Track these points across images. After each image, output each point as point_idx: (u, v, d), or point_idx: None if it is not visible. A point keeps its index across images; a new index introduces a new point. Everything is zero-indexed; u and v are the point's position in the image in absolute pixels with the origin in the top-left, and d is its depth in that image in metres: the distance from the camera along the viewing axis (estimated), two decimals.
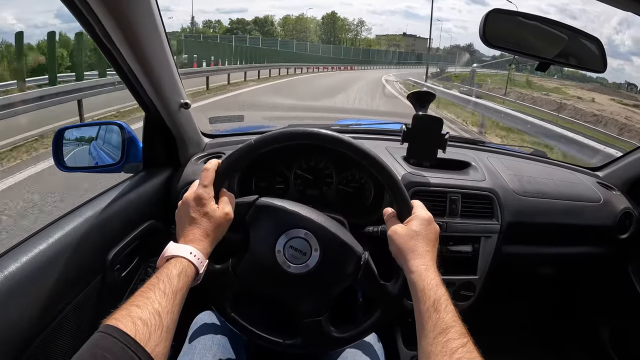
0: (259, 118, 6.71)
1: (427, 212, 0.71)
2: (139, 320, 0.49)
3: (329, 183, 1.05)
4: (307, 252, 0.70)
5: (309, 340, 0.71)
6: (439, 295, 0.59)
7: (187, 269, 0.60)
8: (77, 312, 0.74)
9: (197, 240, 0.64)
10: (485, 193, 1.08)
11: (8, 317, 0.58)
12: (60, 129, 1.03)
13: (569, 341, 1.52)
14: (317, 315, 0.71)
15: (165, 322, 0.52)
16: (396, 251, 0.68)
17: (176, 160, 1.06)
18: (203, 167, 0.70)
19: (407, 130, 1.01)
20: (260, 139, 0.71)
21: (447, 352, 0.52)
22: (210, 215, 0.66)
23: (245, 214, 0.71)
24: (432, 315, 0.57)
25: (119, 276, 0.86)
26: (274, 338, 0.72)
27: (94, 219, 0.79)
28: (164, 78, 0.86)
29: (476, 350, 0.52)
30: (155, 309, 0.52)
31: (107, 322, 0.49)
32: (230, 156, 0.71)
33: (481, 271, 1.08)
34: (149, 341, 0.48)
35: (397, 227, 0.69)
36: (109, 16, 0.64)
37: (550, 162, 1.38)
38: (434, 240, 0.69)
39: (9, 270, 0.61)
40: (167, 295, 0.54)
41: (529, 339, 1.55)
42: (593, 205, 1.21)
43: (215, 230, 0.67)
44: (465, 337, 0.54)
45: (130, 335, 0.47)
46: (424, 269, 0.63)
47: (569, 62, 0.95)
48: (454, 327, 0.55)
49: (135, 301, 0.52)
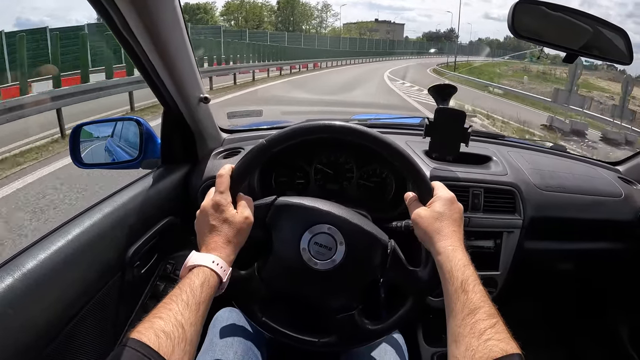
0: (278, 112, 6.61)
1: (449, 192, 0.69)
2: (162, 333, 0.49)
3: (349, 178, 1.04)
4: (333, 247, 0.68)
5: (344, 336, 0.70)
6: (466, 276, 0.57)
7: (210, 279, 0.59)
8: (98, 310, 0.73)
9: (219, 248, 0.63)
10: (508, 187, 1.06)
11: (27, 316, 0.57)
12: (77, 125, 1.02)
13: (588, 339, 1.51)
14: (349, 310, 0.69)
15: (188, 334, 0.51)
16: (422, 235, 0.67)
17: (194, 156, 1.05)
18: (217, 173, 0.69)
19: (430, 123, 1.00)
20: (271, 139, 0.70)
21: (475, 333, 0.50)
22: (230, 221, 0.65)
23: (266, 215, 0.70)
24: (461, 296, 0.55)
25: (139, 273, 0.85)
26: (308, 338, 0.71)
27: (113, 216, 0.79)
28: (184, 73, 0.86)
29: (506, 330, 0.51)
30: (179, 321, 0.51)
31: (131, 335, 0.48)
32: (244, 159, 0.69)
33: (503, 267, 1.07)
34: (172, 354, 0.48)
35: (421, 210, 0.68)
36: (132, 11, 0.64)
37: (570, 157, 1.36)
38: (459, 219, 0.67)
39: (27, 268, 0.59)
40: (190, 307, 0.54)
41: (547, 336, 1.53)
42: (614, 200, 1.19)
43: (237, 235, 0.65)
44: (495, 318, 0.52)
45: (154, 348, 0.47)
46: (451, 250, 0.62)
47: (593, 53, 0.94)
48: (482, 308, 0.53)
49: (158, 313, 0.52)
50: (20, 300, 0.56)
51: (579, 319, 1.54)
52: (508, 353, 0.47)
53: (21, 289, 0.57)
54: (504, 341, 0.49)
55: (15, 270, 0.58)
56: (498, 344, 0.48)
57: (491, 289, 1.08)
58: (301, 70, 19.92)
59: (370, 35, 59.96)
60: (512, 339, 0.50)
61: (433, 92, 1.03)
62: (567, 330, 1.54)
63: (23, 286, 0.58)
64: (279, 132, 0.70)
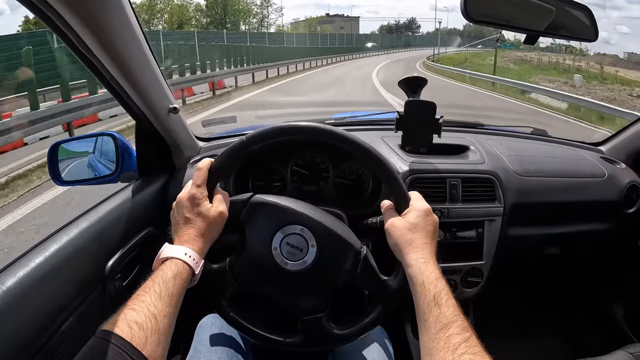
0: (253, 117, 6.57)
1: (425, 204, 0.69)
2: (134, 324, 0.49)
3: (326, 177, 1.04)
4: (304, 249, 0.69)
5: (308, 338, 0.70)
6: (439, 289, 0.57)
7: (182, 271, 0.59)
8: (79, 324, 0.73)
9: (192, 241, 0.64)
10: (486, 176, 1.06)
11: (7, 334, 0.58)
12: (54, 143, 1.03)
13: (583, 321, 1.49)
14: (316, 313, 0.69)
15: (161, 325, 0.52)
16: (394, 245, 0.67)
17: (171, 166, 1.05)
18: (196, 166, 0.70)
19: (400, 117, 0.99)
20: (251, 136, 0.70)
21: (449, 348, 0.50)
22: (204, 214, 0.66)
23: (240, 212, 0.71)
24: (433, 310, 0.55)
25: (121, 285, 0.86)
26: (274, 337, 0.71)
27: (90, 230, 0.79)
28: (148, 84, 0.86)
29: (479, 344, 0.51)
30: (151, 312, 0.52)
31: (104, 327, 0.49)
32: (223, 154, 0.70)
33: (487, 256, 1.06)
34: (145, 345, 0.48)
35: (395, 219, 0.68)
36: (80, 22, 0.63)
37: (551, 140, 1.35)
38: (433, 232, 0.67)
39: (6, 286, 0.60)
40: (162, 298, 0.54)
41: (541, 321, 1.52)
42: (597, 181, 1.18)
43: (210, 229, 0.66)
44: (468, 332, 0.52)
45: (126, 339, 0.47)
46: (422, 262, 0.61)
47: (559, 33, 0.94)
48: (455, 322, 0.53)
49: (130, 305, 0.52)
50: (0, 317, 0.58)
51: (570, 302, 1.53)
52: None
53: (1, 306, 0.58)
54: (479, 354, 0.49)
55: None
56: (473, 357, 0.48)
57: (477, 279, 1.07)
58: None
59: (321, 30, 52.30)
60: (486, 352, 0.50)
61: (403, 85, 1.03)
62: (560, 314, 1.52)
63: (3, 303, 0.58)
64: (259, 130, 0.71)
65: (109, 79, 0.78)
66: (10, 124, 5.10)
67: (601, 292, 1.46)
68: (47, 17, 0.60)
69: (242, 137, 0.70)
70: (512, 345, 1.13)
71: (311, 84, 14.39)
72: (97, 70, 0.75)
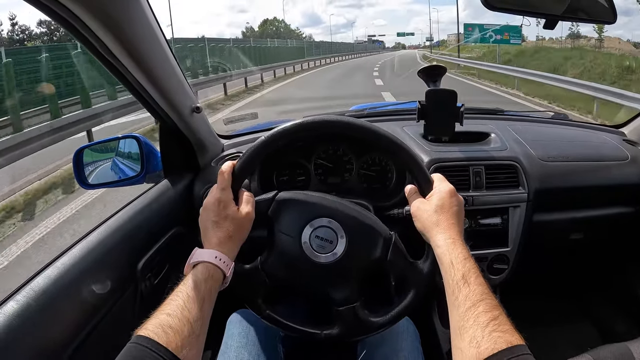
0: (273, 114, 6.56)
1: (448, 184, 0.70)
2: (169, 329, 0.50)
3: (350, 169, 1.05)
4: (334, 240, 0.69)
5: (346, 328, 0.70)
6: (467, 268, 0.58)
7: (213, 274, 0.60)
8: (113, 324, 0.75)
9: (222, 244, 0.64)
10: (509, 162, 1.06)
11: (42, 336, 0.59)
12: (79, 148, 1.05)
13: (609, 306, 1.48)
14: (352, 302, 0.70)
15: (195, 328, 0.53)
16: (421, 227, 0.67)
17: (196, 165, 1.07)
18: (219, 170, 0.70)
19: (422, 107, 0.99)
20: (271, 135, 0.71)
21: (479, 325, 0.50)
22: (231, 217, 0.67)
23: (267, 210, 0.71)
24: (462, 289, 0.56)
25: (152, 284, 0.87)
26: (312, 330, 0.72)
27: (120, 231, 0.81)
28: (170, 85, 0.87)
29: (509, 322, 0.51)
30: (185, 317, 0.53)
31: (139, 332, 0.50)
32: (244, 156, 0.71)
33: (513, 242, 1.06)
34: (181, 349, 0.49)
35: (420, 203, 0.69)
36: (104, 29, 0.64)
37: (572, 124, 1.34)
38: (459, 212, 0.67)
39: (41, 289, 0.62)
40: (195, 302, 0.55)
41: (567, 307, 1.51)
42: (620, 164, 1.17)
43: (239, 231, 0.67)
44: (497, 310, 0.52)
45: (163, 344, 0.48)
46: (450, 242, 0.62)
47: (578, 16, 0.92)
48: (484, 300, 0.53)
49: (164, 309, 0.53)
50: (35, 319, 0.59)
51: (596, 287, 1.51)
52: (513, 344, 0.47)
53: (35, 309, 0.59)
54: (508, 332, 0.49)
55: (30, 291, 0.61)
56: (503, 335, 0.48)
57: (503, 266, 1.07)
58: None
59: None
60: (516, 330, 0.50)
61: (422, 75, 1.03)
62: (585, 300, 1.51)
63: (37, 306, 0.60)
64: (278, 128, 0.71)
65: (134, 83, 0.79)
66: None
67: (627, 276, 1.44)
68: (71, 26, 0.61)
69: (262, 137, 0.71)
70: (539, 331, 1.12)
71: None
72: (121, 74, 0.76)
